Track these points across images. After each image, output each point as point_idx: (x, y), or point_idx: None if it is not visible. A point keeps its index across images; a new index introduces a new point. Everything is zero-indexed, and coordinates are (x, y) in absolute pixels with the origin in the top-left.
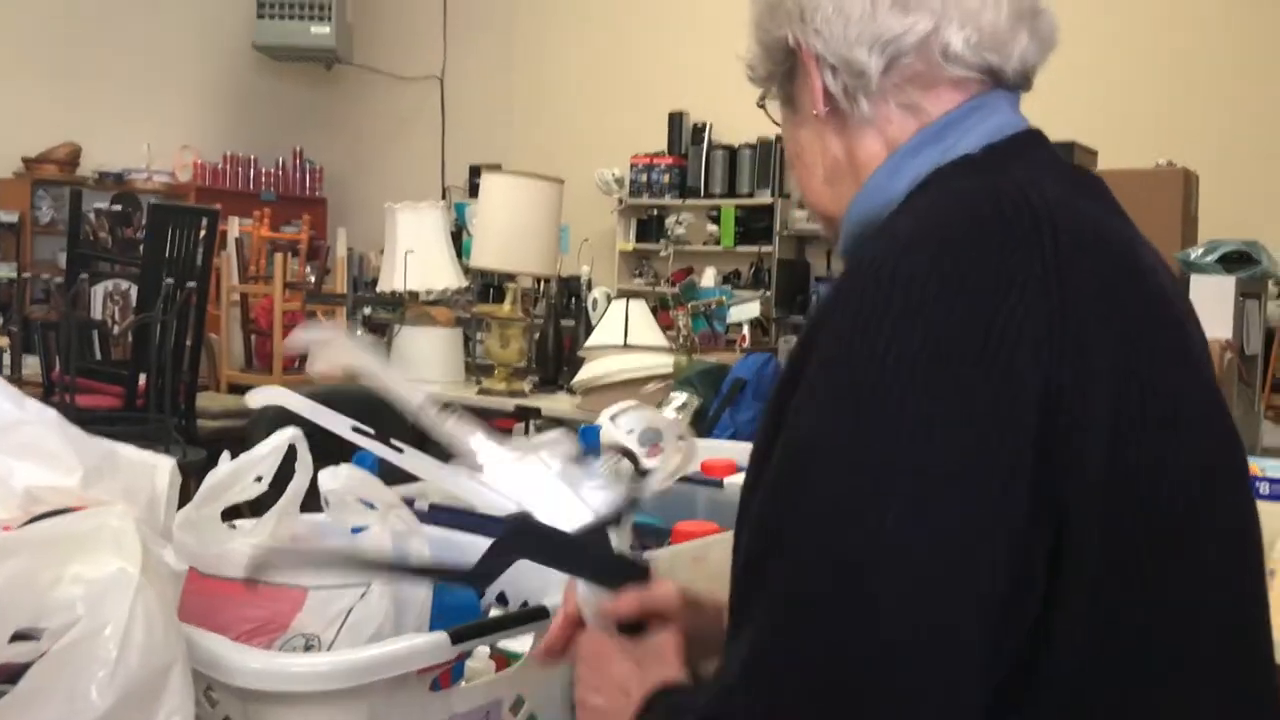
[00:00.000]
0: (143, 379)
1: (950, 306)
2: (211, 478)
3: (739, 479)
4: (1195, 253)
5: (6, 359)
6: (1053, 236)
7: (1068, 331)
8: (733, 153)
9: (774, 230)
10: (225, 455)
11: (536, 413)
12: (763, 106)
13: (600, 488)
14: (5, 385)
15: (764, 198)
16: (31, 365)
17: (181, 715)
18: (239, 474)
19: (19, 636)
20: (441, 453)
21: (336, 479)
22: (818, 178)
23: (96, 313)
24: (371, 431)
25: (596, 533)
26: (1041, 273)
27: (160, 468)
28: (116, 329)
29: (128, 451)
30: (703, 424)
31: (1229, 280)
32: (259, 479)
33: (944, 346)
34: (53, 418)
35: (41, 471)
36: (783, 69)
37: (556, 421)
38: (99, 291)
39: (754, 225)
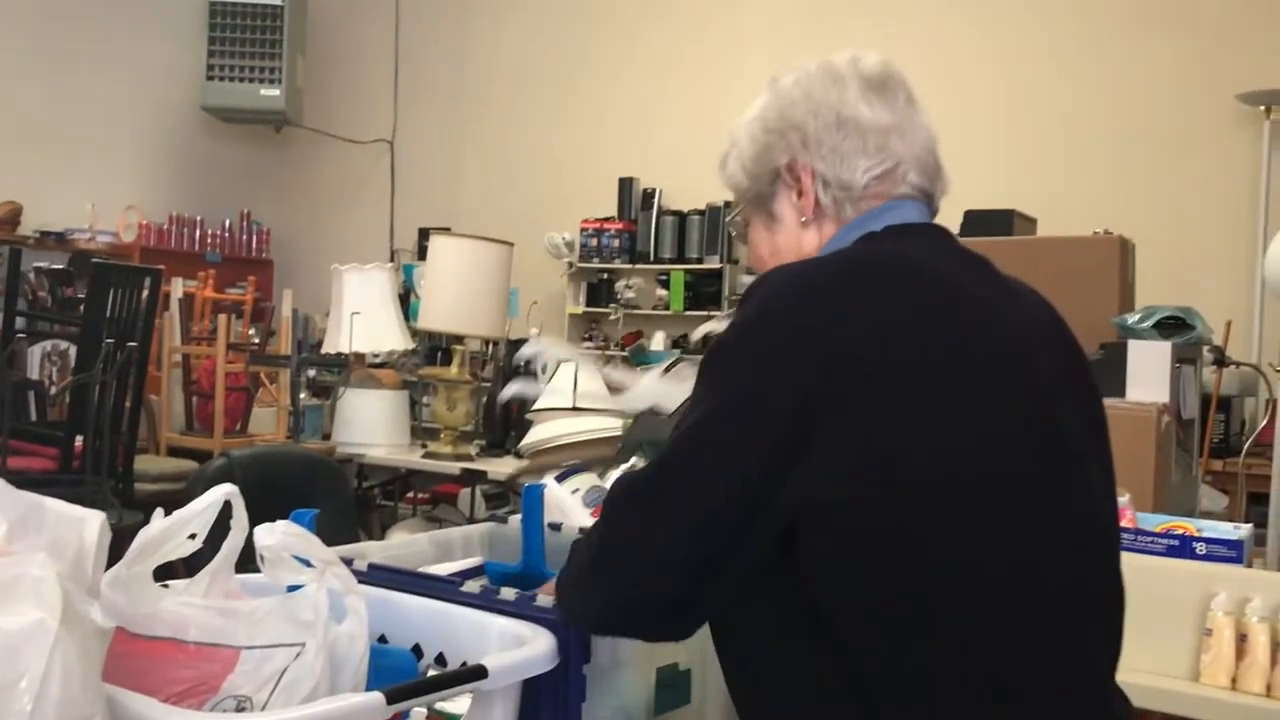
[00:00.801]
0: (79, 441)
1: (789, 311)
2: (144, 534)
3: None
4: (1132, 318)
5: None
6: (885, 276)
7: (869, 335)
8: (682, 218)
9: (723, 295)
10: (159, 512)
11: (483, 476)
12: (736, 222)
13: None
14: None
15: (713, 263)
16: None
17: None
18: (172, 531)
19: None
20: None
21: (273, 535)
22: None
23: (34, 373)
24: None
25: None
26: (869, 297)
27: (89, 522)
28: (54, 389)
29: (55, 505)
30: None
31: (1165, 345)
32: (193, 536)
33: (771, 337)
34: None
35: None
36: (768, 190)
37: (503, 485)
38: (36, 351)
39: (703, 290)
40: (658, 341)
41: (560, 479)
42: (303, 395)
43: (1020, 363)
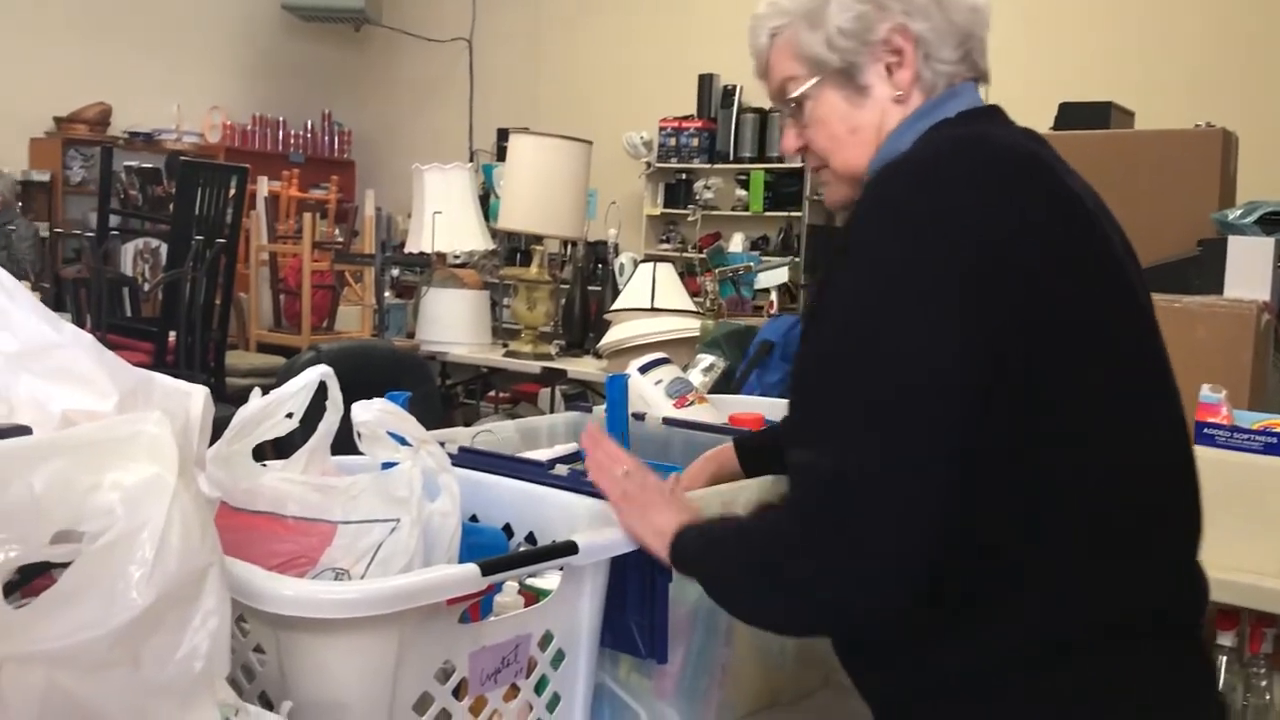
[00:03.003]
0: (172, 336)
1: (931, 198)
2: (242, 413)
3: None
4: (1233, 214)
5: None
6: (997, 157)
7: (1009, 208)
8: (763, 116)
9: (803, 195)
10: (256, 391)
11: (563, 375)
12: (804, 94)
13: None
14: (40, 306)
15: (794, 162)
16: None
17: (219, 617)
18: (270, 409)
19: (59, 539)
20: None
21: (369, 411)
22: (864, 148)
23: (127, 270)
24: None
25: None
26: (994, 184)
27: (195, 396)
28: (147, 286)
29: (162, 380)
30: (729, 387)
31: (1268, 242)
32: (290, 415)
33: (924, 221)
34: (88, 342)
35: (77, 395)
36: (859, 61)
37: (582, 384)
38: (129, 249)
39: (783, 190)
40: (736, 243)
41: (643, 370)
42: (387, 294)
43: (1106, 235)
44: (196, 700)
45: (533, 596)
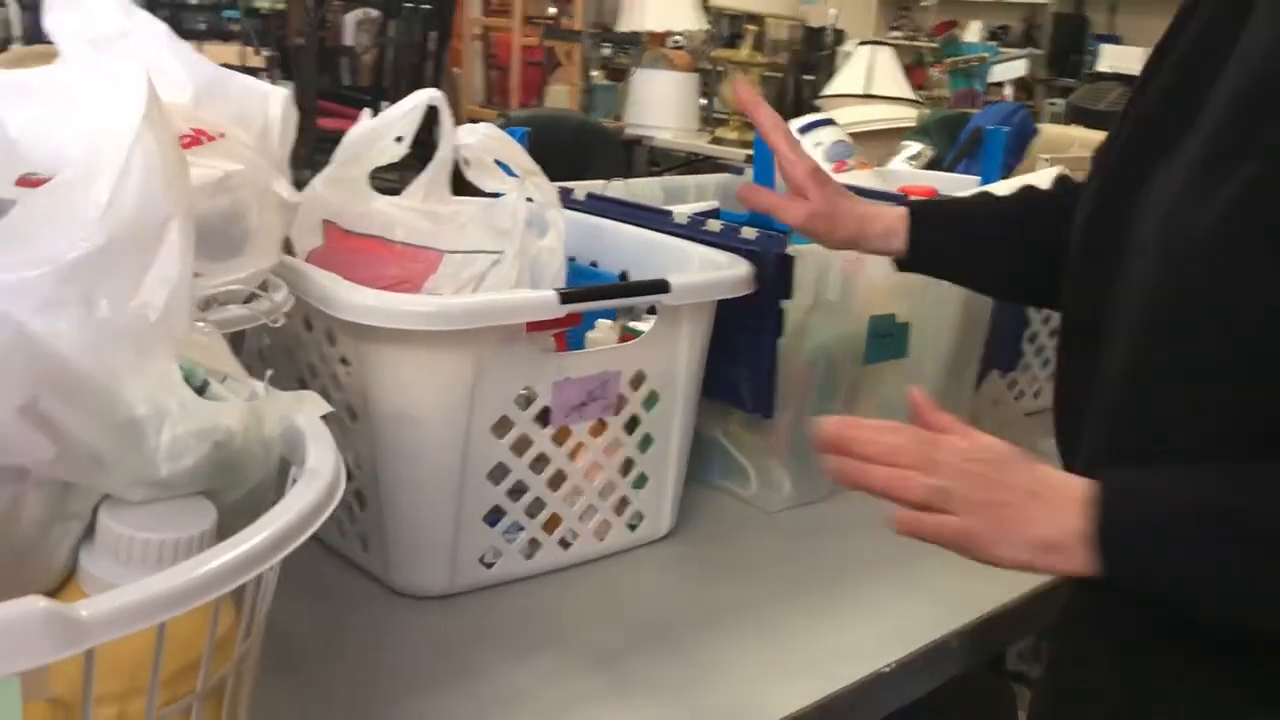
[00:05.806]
0: (384, 106)
1: None
2: (350, 135)
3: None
4: None
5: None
6: None
7: None
8: None
9: None
10: (366, 113)
11: None
12: None
13: None
14: None
15: None
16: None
17: (178, 270)
18: (379, 132)
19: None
20: None
21: (473, 135)
22: None
23: (349, 39)
24: None
25: None
26: None
27: (273, 97)
28: (365, 55)
29: (241, 78)
30: None
31: None
32: (399, 140)
33: None
34: (162, 31)
35: None
36: None
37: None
38: (350, 20)
39: None
40: (973, 32)
41: (803, 131)
42: (596, 74)
43: None
44: (153, 351)
45: (633, 339)
